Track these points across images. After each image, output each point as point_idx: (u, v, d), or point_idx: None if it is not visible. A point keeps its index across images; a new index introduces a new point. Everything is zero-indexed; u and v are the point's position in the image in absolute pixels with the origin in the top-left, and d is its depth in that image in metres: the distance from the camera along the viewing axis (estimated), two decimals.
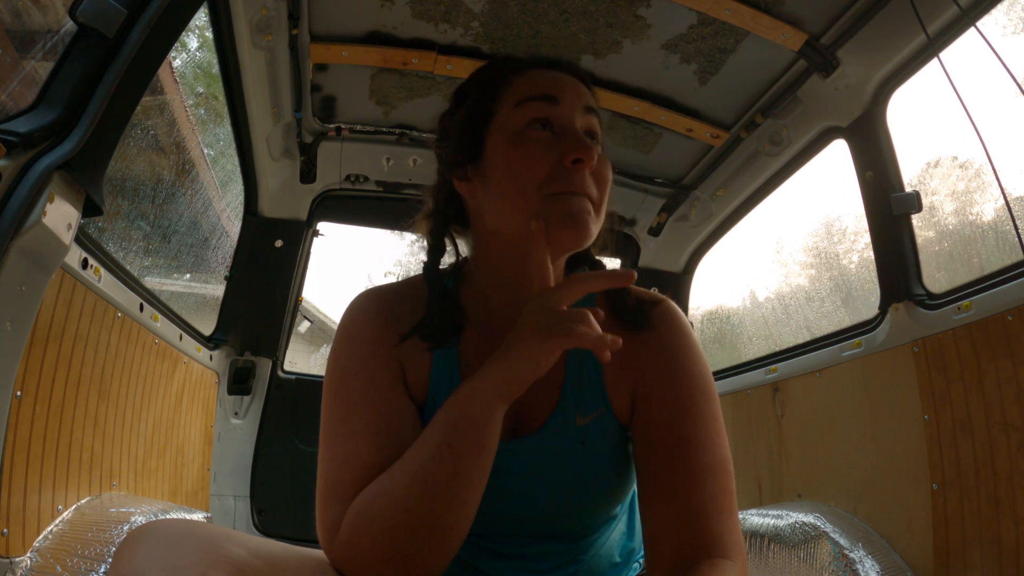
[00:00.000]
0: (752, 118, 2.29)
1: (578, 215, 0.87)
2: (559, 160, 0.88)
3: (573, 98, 0.92)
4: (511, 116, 0.92)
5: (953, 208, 2.88)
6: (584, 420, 0.97)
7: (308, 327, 8.78)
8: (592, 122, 0.94)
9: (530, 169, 0.88)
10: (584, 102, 0.93)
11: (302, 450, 2.79)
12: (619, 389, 0.98)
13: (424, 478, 0.81)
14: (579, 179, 0.88)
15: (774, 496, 2.35)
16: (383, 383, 0.93)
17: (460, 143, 0.98)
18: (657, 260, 2.99)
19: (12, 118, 1.17)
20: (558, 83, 0.93)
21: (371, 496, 0.84)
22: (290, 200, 2.77)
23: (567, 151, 0.87)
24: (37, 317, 1.27)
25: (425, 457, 0.83)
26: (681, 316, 1.02)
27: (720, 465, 0.90)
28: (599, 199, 0.91)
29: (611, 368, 0.98)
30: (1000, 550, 1.50)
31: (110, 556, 1.29)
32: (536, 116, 0.90)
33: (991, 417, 1.56)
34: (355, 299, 1.03)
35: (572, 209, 0.87)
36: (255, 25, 1.91)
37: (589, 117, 0.93)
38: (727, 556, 0.83)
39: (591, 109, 0.94)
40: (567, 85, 0.94)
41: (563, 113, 0.91)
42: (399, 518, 0.81)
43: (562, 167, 0.88)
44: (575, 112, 0.92)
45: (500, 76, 0.97)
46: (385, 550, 0.82)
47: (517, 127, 0.91)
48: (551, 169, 0.88)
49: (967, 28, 1.64)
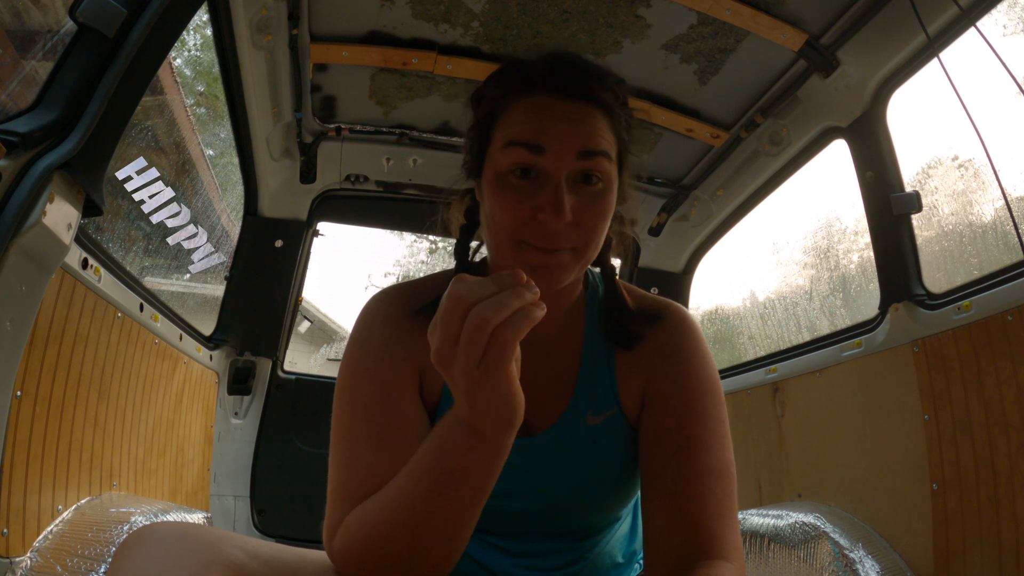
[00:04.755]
0: (752, 118, 2.29)
1: (542, 267, 0.85)
2: (533, 212, 0.85)
3: (562, 146, 0.85)
4: (499, 155, 0.88)
5: (953, 208, 2.88)
6: (596, 420, 0.97)
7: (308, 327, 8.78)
8: (589, 165, 0.86)
9: (505, 217, 0.86)
10: (579, 147, 0.86)
11: (302, 450, 2.79)
12: (630, 390, 0.98)
13: (405, 511, 0.78)
14: (550, 233, 0.84)
15: (774, 496, 2.35)
16: (394, 388, 0.93)
17: (467, 158, 0.98)
18: (657, 260, 2.99)
19: (12, 118, 1.17)
20: (549, 125, 0.86)
21: (359, 519, 0.83)
22: (290, 200, 2.77)
23: (540, 207, 0.84)
24: (37, 317, 1.27)
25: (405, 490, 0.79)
26: (690, 319, 1.02)
27: (723, 468, 0.90)
28: (585, 242, 0.87)
29: (623, 368, 0.99)
30: (1000, 550, 1.50)
31: (110, 556, 1.29)
32: (519, 162, 0.86)
33: (991, 417, 1.56)
34: (371, 299, 1.02)
35: (536, 262, 0.85)
36: (255, 25, 1.91)
37: (585, 162, 0.86)
38: (726, 558, 0.84)
39: (589, 153, 0.86)
40: (560, 127, 0.86)
41: (546, 165, 0.85)
42: (383, 547, 0.80)
43: (534, 219, 0.84)
44: (562, 162, 0.85)
45: (501, 97, 0.92)
46: (374, 570, 0.82)
47: (502, 168, 0.88)
48: (524, 219, 0.85)
49: (967, 28, 1.64)
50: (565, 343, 1.01)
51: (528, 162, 0.86)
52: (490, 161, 0.91)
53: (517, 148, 0.86)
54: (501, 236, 0.87)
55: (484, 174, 0.92)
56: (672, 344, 0.98)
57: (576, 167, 0.86)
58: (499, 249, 0.89)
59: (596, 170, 0.87)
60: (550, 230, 0.84)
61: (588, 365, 1.00)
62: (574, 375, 0.99)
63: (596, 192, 0.88)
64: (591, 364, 1.00)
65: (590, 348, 1.00)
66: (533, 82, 0.91)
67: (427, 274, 1.09)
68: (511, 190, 0.87)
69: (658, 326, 1.00)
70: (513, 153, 0.86)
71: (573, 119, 0.88)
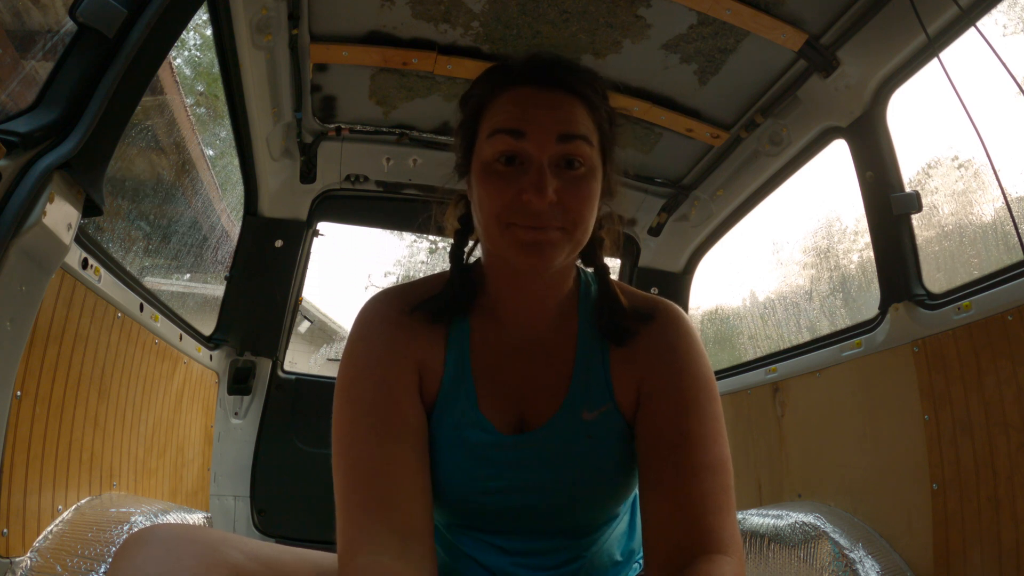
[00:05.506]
0: (752, 118, 2.29)
1: (532, 244, 0.89)
2: (518, 194, 0.89)
3: (543, 130, 0.90)
4: (485, 145, 0.93)
5: (953, 208, 2.88)
6: (591, 415, 0.98)
7: (308, 327, 8.79)
8: (569, 149, 0.91)
9: (492, 201, 0.91)
10: (558, 130, 0.91)
11: (302, 450, 2.79)
12: (625, 386, 0.99)
13: None
14: (534, 212, 0.88)
15: (774, 496, 2.35)
16: (394, 386, 0.94)
17: (457, 155, 1.02)
18: (657, 260, 2.99)
19: (12, 118, 1.17)
20: (530, 112, 0.91)
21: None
22: (290, 200, 2.77)
23: (523, 188, 0.88)
24: (37, 317, 1.27)
25: None
26: (683, 317, 1.04)
27: (720, 463, 0.91)
28: (572, 222, 0.91)
29: (617, 365, 1.00)
30: (1000, 550, 1.50)
31: (110, 556, 1.29)
32: (503, 149, 0.91)
33: (991, 417, 1.56)
34: (370, 300, 1.04)
35: (526, 239, 0.89)
36: (255, 25, 1.91)
37: (565, 146, 0.91)
38: (725, 552, 0.84)
39: (568, 136, 0.91)
40: (540, 113, 0.91)
41: (529, 149, 0.90)
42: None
43: (519, 200, 0.89)
44: (543, 146, 0.90)
45: (485, 94, 0.97)
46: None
47: (487, 157, 0.92)
48: (510, 202, 0.89)
49: (967, 28, 1.64)
50: (559, 340, 1.02)
51: (511, 148, 0.91)
52: (477, 154, 0.95)
53: (500, 135, 0.91)
54: (490, 220, 0.91)
55: (472, 167, 0.96)
56: (666, 341, 0.99)
57: (557, 151, 0.91)
58: (489, 234, 0.93)
59: (577, 154, 0.91)
60: (535, 209, 0.88)
61: (582, 361, 1.00)
62: (569, 371, 1.00)
63: (579, 176, 0.92)
64: (585, 360, 1.01)
65: (584, 345, 1.01)
66: (515, 77, 0.95)
67: (426, 275, 1.10)
68: (496, 177, 0.91)
69: (652, 324, 1.01)
70: (497, 141, 0.91)
71: (552, 106, 0.93)
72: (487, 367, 1.00)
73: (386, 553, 0.81)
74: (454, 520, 1.03)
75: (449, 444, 0.97)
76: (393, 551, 0.82)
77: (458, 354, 1.00)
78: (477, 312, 1.03)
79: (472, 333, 1.02)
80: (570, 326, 1.03)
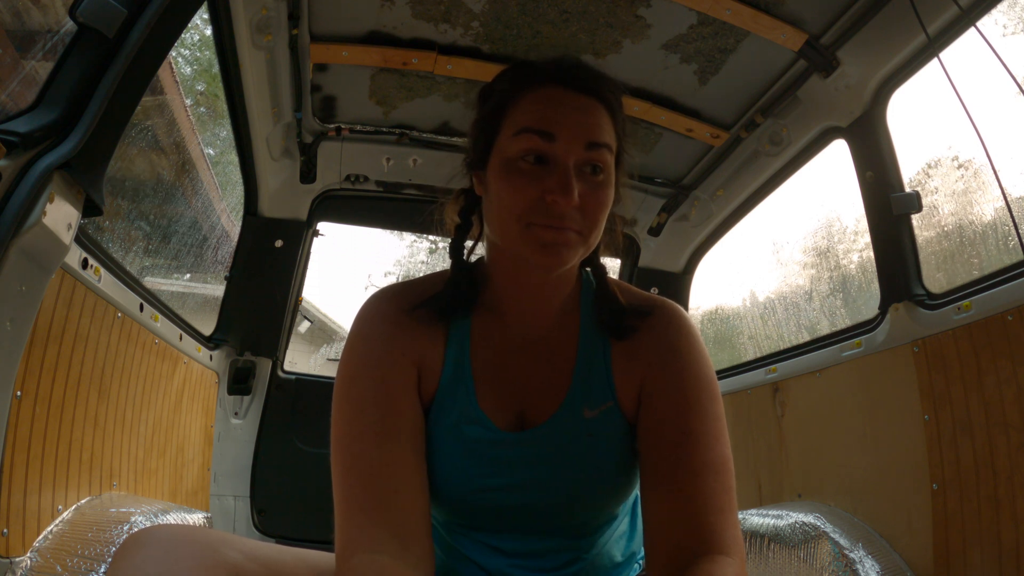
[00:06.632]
0: (752, 118, 2.29)
1: (551, 245, 0.89)
2: (542, 194, 0.89)
3: (572, 135, 0.90)
4: (510, 142, 0.92)
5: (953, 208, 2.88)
6: (592, 413, 0.98)
7: (308, 327, 8.79)
8: (594, 156, 0.91)
9: (514, 199, 0.90)
10: (587, 137, 0.91)
11: (302, 450, 2.79)
12: (627, 384, 0.99)
13: None
14: (558, 213, 0.88)
15: (774, 496, 2.35)
16: (393, 384, 0.94)
17: (473, 149, 1.01)
18: (657, 260, 2.99)
19: (12, 118, 1.17)
20: (560, 115, 0.91)
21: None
22: (290, 200, 2.77)
23: (550, 189, 0.88)
24: (37, 317, 1.27)
25: None
26: (684, 316, 1.03)
27: (721, 463, 0.90)
28: (588, 227, 0.91)
29: (619, 363, 1.00)
30: (1000, 550, 1.50)
31: (110, 556, 1.29)
32: (530, 148, 0.90)
33: (991, 417, 1.56)
34: (369, 299, 1.03)
35: (547, 239, 0.89)
36: (255, 25, 1.91)
37: (591, 152, 0.91)
38: (726, 552, 0.84)
39: (595, 144, 0.91)
40: (570, 117, 0.91)
41: (557, 151, 0.90)
42: None
43: (543, 201, 0.89)
44: (571, 150, 0.90)
45: (512, 90, 0.96)
46: None
47: (512, 154, 0.92)
48: (533, 201, 0.89)
49: (967, 28, 1.64)
50: (561, 338, 1.02)
51: (539, 148, 0.90)
52: (498, 150, 0.94)
53: (529, 135, 0.91)
54: (509, 219, 0.91)
55: (490, 164, 0.95)
56: (668, 341, 0.99)
57: (583, 156, 0.91)
58: (506, 232, 0.92)
59: (600, 161, 0.92)
60: (558, 211, 0.88)
61: (584, 359, 1.01)
62: (570, 369, 1.00)
63: (599, 182, 0.92)
64: (587, 358, 1.01)
65: (585, 342, 1.01)
66: (543, 76, 0.95)
67: (425, 274, 1.10)
68: (521, 175, 0.91)
69: (653, 323, 1.01)
70: (525, 139, 0.91)
71: (583, 110, 0.93)
72: (487, 364, 1.00)
73: (384, 553, 0.81)
74: (452, 520, 1.03)
75: (447, 442, 0.97)
76: (391, 551, 0.82)
77: (458, 352, 1.00)
78: (478, 310, 1.03)
79: (473, 330, 1.02)
80: (572, 324, 1.03)
